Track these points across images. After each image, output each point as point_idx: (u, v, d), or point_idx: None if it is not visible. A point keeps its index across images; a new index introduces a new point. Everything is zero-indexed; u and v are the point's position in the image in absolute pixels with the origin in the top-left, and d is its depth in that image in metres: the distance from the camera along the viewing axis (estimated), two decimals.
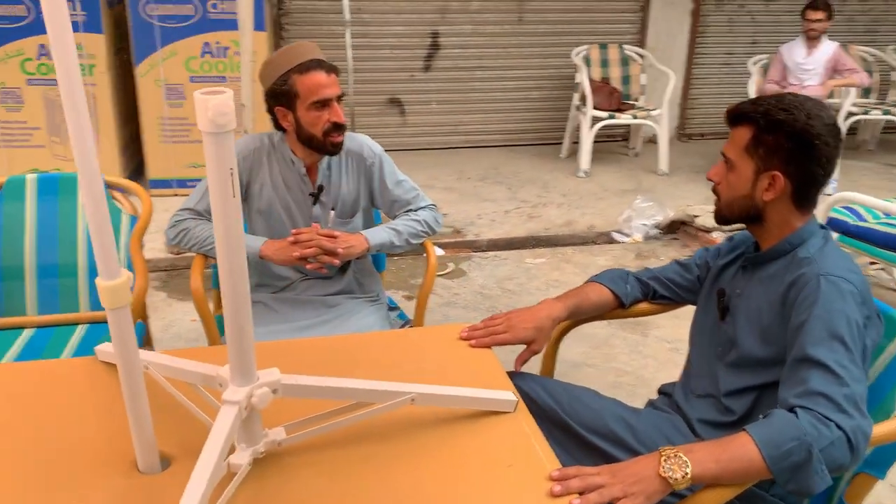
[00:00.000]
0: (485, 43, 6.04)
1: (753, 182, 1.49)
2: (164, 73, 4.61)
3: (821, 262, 1.41)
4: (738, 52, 6.52)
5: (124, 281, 1.09)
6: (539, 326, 1.60)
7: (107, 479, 1.18)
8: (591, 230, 4.53)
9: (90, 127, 1.01)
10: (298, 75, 1.93)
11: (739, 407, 1.50)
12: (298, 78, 1.93)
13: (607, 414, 1.54)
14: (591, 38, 6.08)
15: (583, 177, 5.50)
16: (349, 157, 2.16)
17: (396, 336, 1.76)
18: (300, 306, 2.15)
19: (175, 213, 2.09)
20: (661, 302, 1.78)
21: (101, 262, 1.07)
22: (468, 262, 4.08)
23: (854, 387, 1.26)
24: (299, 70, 1.93)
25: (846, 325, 1.32)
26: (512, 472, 1.22)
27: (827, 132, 1.42)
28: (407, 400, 1.27)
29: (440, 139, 6.18)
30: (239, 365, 1.13)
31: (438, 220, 2.24)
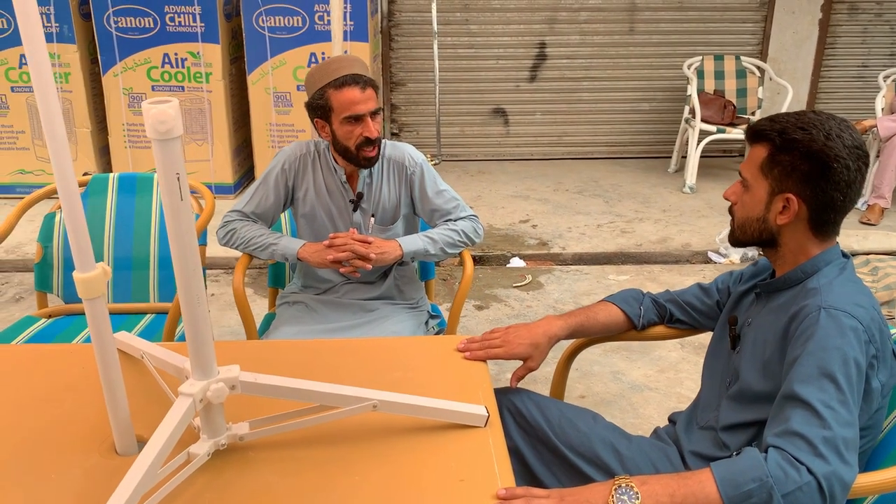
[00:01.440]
0: (593, 53, 5.94)
1: (767, 204, 1.40)
2: (273, 81, 4.87)
3: (826, 294, 1.31)
4: (874, 64, 6.05)
5: (99, 274, 1.18)
6: (535, 343, 1.57)
7: (85, 459, 1.28)
8: (685, 249, 4.35)
9: (64, 131, 1.11)
10: (334, 90, 2.00)
11: (735, 443, 1.41)
12: (333, 93, 2.00)
13: (596, 438, 1.49)
14: (707, 48, 5.85)
15: (688, 192, 5.29)
16: (391, 166, 2.21)
17: (396, 343, 1.78)
18: (339, 309, 2.22)
19: (225, 214, 2.22)
20: (678, 326, 1.71)
21: (76, 256, 1.17)
22: (548, 275, 4.03)
23: (838, 430, 1.16)
24: (335, 85, 2.00)
25: (841, 363, 1.21)
26: (462, 486, 1.22)
27: (848, 154, 1.31)
28: (368, 406, 1.29)
29: (542, 150, 6.13)
30: (197, 360, 1.19)
31: (479, 230, 2.24)
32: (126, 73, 4.82)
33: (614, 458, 1.46)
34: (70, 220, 1.14)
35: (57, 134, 1.09)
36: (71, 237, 1.16)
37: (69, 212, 1.14)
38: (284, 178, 2.20)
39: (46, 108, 1.07)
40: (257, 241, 2.15)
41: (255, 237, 2.16)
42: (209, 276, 3.92)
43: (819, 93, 6.15)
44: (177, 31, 4.72)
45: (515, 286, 3.86)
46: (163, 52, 4.79)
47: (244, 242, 2.17)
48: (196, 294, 1.14)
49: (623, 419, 2.71)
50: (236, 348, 1.74)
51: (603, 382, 2.95)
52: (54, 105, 1.08)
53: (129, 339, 1.53)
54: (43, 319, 2.39)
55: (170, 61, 4.81)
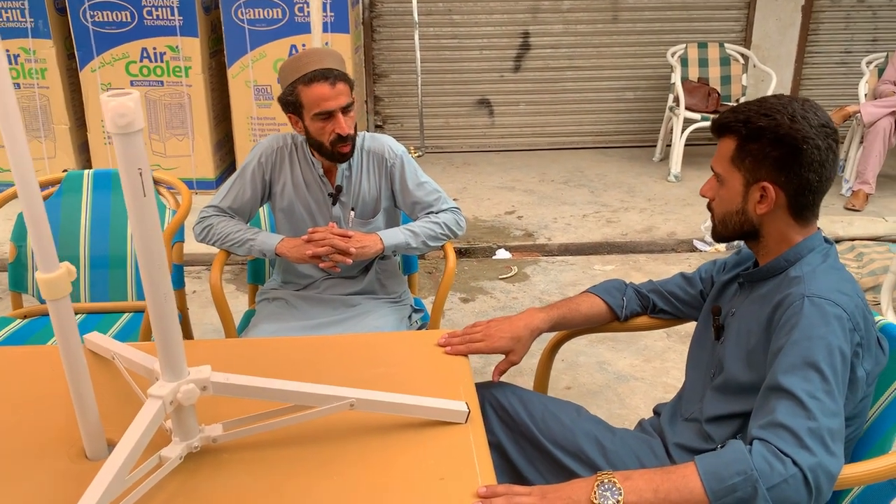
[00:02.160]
0: (576, 42, 5.91)
1: (744, 195, 1.38)
2: (253, 74, 4.81)
3: (809, 282, 1.28)
4: (857, 50, 6.05)
5: (62, 273, 1.14)
6: (516, 336, 1.55)
7: (54, 464, 1.24)
8: (671, 237, 4.34)
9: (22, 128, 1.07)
10: (303, 86, 1.96)
11: (720, 435, 1.39)
12: (303, 89, 1.96)
13: (580, 432, 1.47)
14: (691, 36, 5.83)
15: (673, 181, 5.27)
16: (370, 158, 2.17)
17: (376, 338, 1.75)
18: (320, 304, 2.19)
19: (201, 210, 2.18)
20: (662, 316, 1.68)
21: (39, 256, 1.13)
22: (534, 266, 4.00)
23: (823, 420, 1.14)
24: (304, 81, 1.96)
25: (825, 352, 1.19)
26: (442, 485, 1.19)
27: (816, 134, 1.29)
28: (345, 405, 1.26)
29: (528, 140, 6.10)
30: (166, 361, 1.15)
31: (461, 223, 2.21)
32: (104, 69, 4.75)
33: (598, 453, 1.44)
34: (30, 219, 1.10)
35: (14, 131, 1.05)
36: (32, 237, 1.12)
37: (29, 211, 1.10)
38: (262, 171, 2.16)
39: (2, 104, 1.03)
40: (234, 237, 2.11)
41: (231, 233, 2.12)
42: (189, 273, 3.87)
43: (803, 79, 6.15)
44: (155, 25, 4.65)
45: (501, 278, 3.83)
46: (141, 47, 4.72)
47: (221, 238, 2.13)
48: (162, 292, 1.10)
49: (609, 410, 2.69)
50: (211, 347, 1.70)
51: (589, 373, 2.93)
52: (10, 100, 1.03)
53: (100, 340, 1.49)
54: (18, 320, 2.34)
55: (148, 55, 4.74)
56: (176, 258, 2.38)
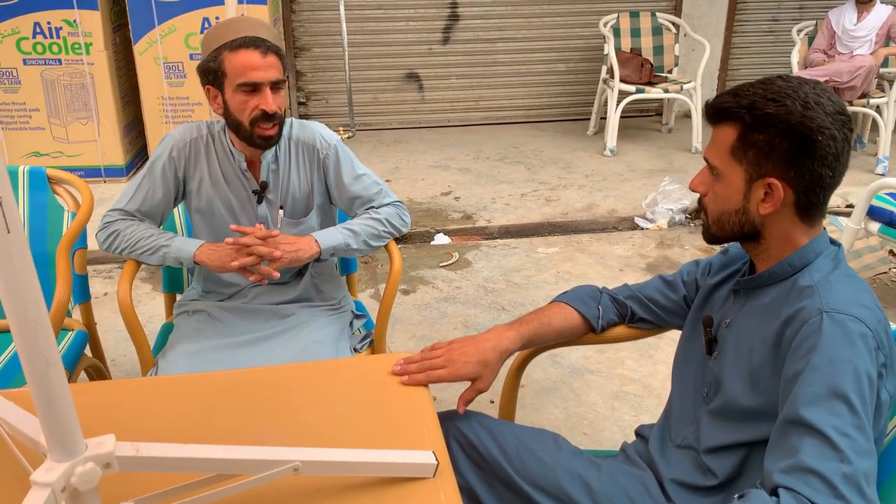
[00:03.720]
0: (507, 13, 5.69)
1: (746, 193, 1.19)
2: (162, 50, 4.42)
3: (826, 294, 1.12)
4: (784, 18, 6.05)
5: None
6: (483, 361, 1.34)
7: None
8: (612, 215, 4.21)
9: None
10: (229, 52, 1.69)
11: (722, 469, 1.22)
12: (228, 55, 1.69)
13: (561, 471, 1.28)
14: (622, 5, 5.69)
15: (609, 156, 5.15)
16: (300, 149, 1.91)
17: (319, 368, 1.50)
18: (249, 316, 1.93)
19: (105, 214, 1.88)
20: (641, 326, 1.51)
21: None
22: (475, 251, 3.81)
23: (858, 463, 0.97)
24: (231, 46, 1.69)
25: (853, 379, 1.03)
26: None
27: (832, 123, 1.12)
28: (288, 470, 1.03)
29: (460, 115, 5.88)
30: (53, 436, 0.90)
31: (405, 218, 1.98)
32: None
33: (584, 494, 1.25)
34: None
35: None
36: None
37: None
38: (173, 167, 1.87)
39: None
40: (145, 244, 1.83)
41: (142, 238, 1.83)
42: (99, 273, 3.52)
43: (732, 48, 6.11)
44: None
45: (442, 265, 3.62)
46: (33, 21, 4.25)
47: (129, 246, 1.84)
48: (44, 356, 0.84)
49: (567, 409, 2.53)
50: (116, 393, 1.42)
51: (541, 368, 2.77)
52: None
53: None
54: None
55: (42, 31, 4.28)
56: (78, 268, 2.07)
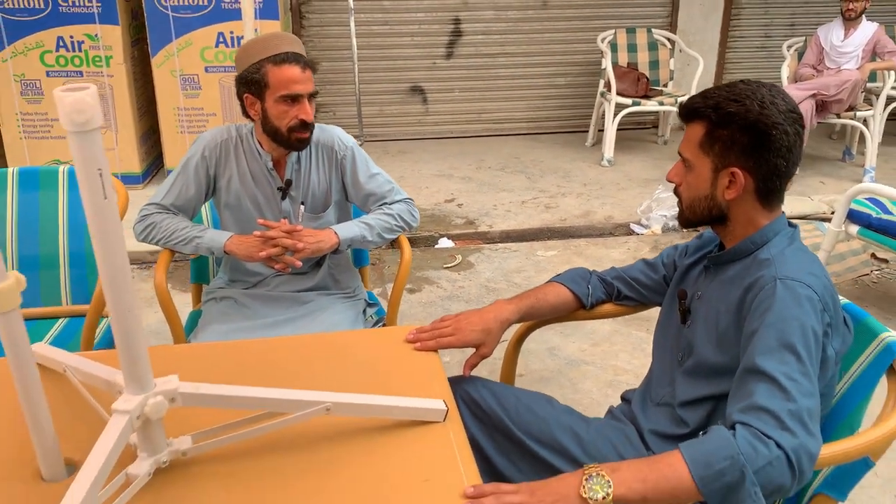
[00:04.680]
0: (508, 29, 5.91)
1: (713, 181, 1.38)
2: (179, 63, 4.63)
3: (779, 265, 1.30)
4: (776, 34, 6.27)
5: (11, 284, 1.05)
6: (487, 329, 1.52)
7: (8, 486, 1.15)
8: (608, 221, 4.40)
9: None
10: (273, 66, 1.88)
11: (693, 419, 1.40)
12: (272, 68, 1.89)
13: (555, 424, 1.46)
14: (619, 22, 5.92)
15: (606, 166, 5.35)
16: (320, 150, 2.11)
17: (342, 337, 1.70)
18: (271, 303, 2.11)
19: (142, 207, 2.07)
20: (626, 303, 1.69)
21: None
22: (477, 254, 4.00)
23: (802, 401, 1.16)
24: (274, 61, 1.88)
25: (800, 333, 1.21)
26: (427, 487, 1.16)
27: (784, 119, 1.31)
28: (321, 410, 1.21)
29: (462, 127, 6.09)
30: (131, 373, 1.08)
31: (415, 214, 2.17)
32: (17, 59, 4.48)
33: (575, 443, 1.43)
34: None
35: None
36: None
37: None
38: (205, 165, 2.06)
39: None
40: (180, 235, 2.02)
41: (177, 230, 2.02)
42: None
43: (726, 63, 6.32)
44: (71, 13, 4.41)
45: (446, 267, 3.81)
46: (56, 35, 4.47)
47: (165, 237, 2.03)
48: (126, 302, 1.03)
49: (563, 395, 2.71)
50: (167, 354, 1.61)
51: (540, 359, 2.94)
52: None
53: (50, 352, 1.39)
54: None
55: (65, 44, 4.49)
56: None
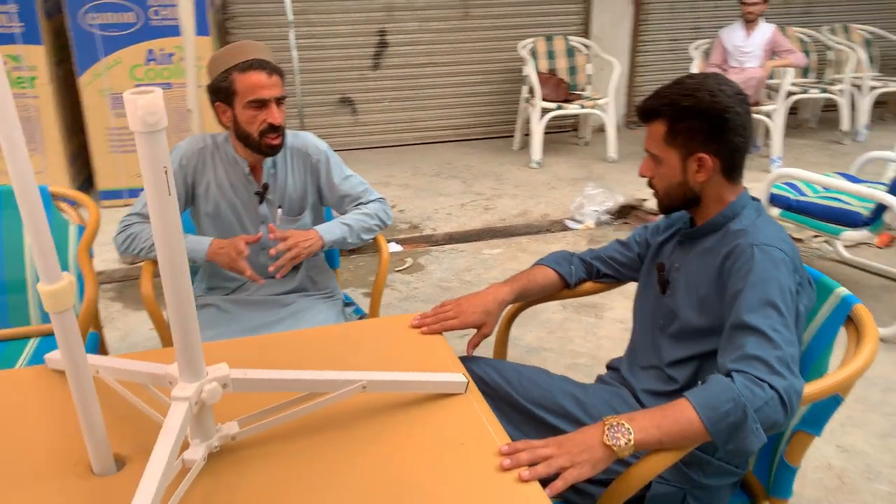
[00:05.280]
0: (432, 39, 6.07)
1: (683, 169, 1.53)
2: (108, 82, 4.55)
3: (754, 233, 1.47)
4: (682, 38, 6.65)
5: (66, 284, 1.10)
6: (487, 310, 1.64)
7: (62, 482, 1.19)
8: (544, 219, 4.59)
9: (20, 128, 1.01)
10: (239, 73, 1.94)
11: (682, 376, 1.55)
12: (239, 76, 1.94)
13: (556, 390, 1.58)
14: (537, 30, 6.16)
15: (535, 167, 5.56)
16: (295, 155, 2.17)
17: (348, 328, 1.78)
18: (253, 307, 2.16)
19: (122, 219, 2.09)
20: (605, 280, 1.83)
21: (41, 266, 1.08)
22: (426, 256, 4.10)
23: (786, 349, 1.32)
24: (241, 68, 1.94)
25: (779, 292, 1.37)
26: (464, 450, 1.26)
27: (734, 102, 1.48)
28: (358, 388, 1.30)
29: (393, 136, 6.19)
30: (186, 361, 1.14)
31: (388, 213, 2.26)
32: None
33: (576, 406, 1.56)
34: (31, 227, 1.05)
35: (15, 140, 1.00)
36: (34, 247, 1.07)
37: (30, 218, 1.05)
38: (183, 174, 2.10)
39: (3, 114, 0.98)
40: None
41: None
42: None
43: (637, 66, 6.66)
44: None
45: (398, 270, 3.90)
46: None
47: (147, 247, 2.05)
48: (185, 293, 1.09)
49: None
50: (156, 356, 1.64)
51: None
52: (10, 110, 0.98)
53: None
54: None
55: None
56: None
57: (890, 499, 2.19)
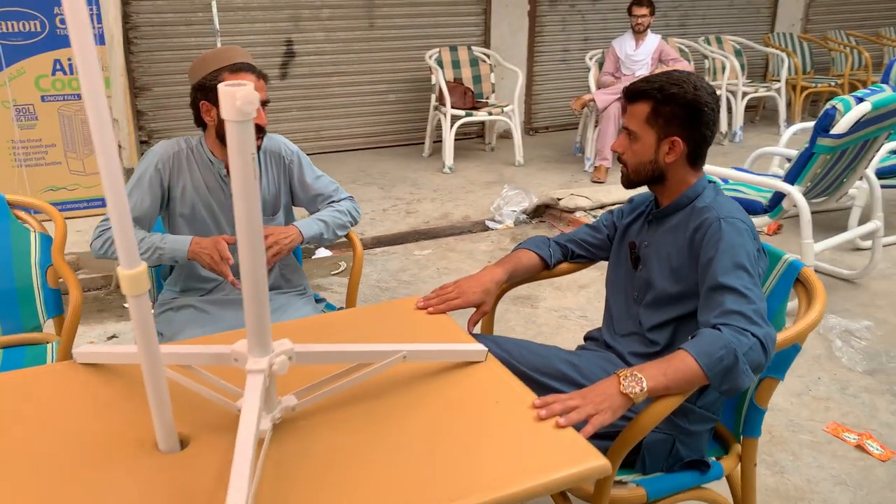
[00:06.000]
0: (339, 49, 6.16)
1: (656, 148, 1.74)
2: (11, 93, 4.36)
3: (718, 208, 1.69)
4: (573, 48, 7.06)
5: (142, 270, 1.16)
6: (486, 290, 1.79)
7: (133, 461, 1.23)
8: (466, 220, 4.78)
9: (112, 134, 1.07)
10: (230, 73, 2.01)
11: (662, 338, 1.75)
12: (229, 76, 2.01)
13: (553, 357, 1.75)
14: (440, 41, 6.37)
15: (448, 172, 5.76)
16: (268, 157, 2.24)
17: (360, 313, 1.88)
18: (231, 306, 2.20)
19: (99, 223, 2.09)
20: (579, 261, 2.02)
21: (122, 252, 1.14)
22: (265, 270, 4.19)
23: (759, 304, 1.54)
24: (231, 69, 2.01)
25: (746, 256, 1.60)
26: (500, 406, 1.40)
27: (711, 99, 1.71)
28: (399, 357, 1.41)
29: (305, 145, 6.12)
30: (258, 337, 1.22)
31: (358, 210, 2.37)
32: None
33: (573, 370, 1.73)
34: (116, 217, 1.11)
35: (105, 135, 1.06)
36: (117, 234, 1.13)
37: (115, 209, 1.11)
38: (159, 178, 2.12)
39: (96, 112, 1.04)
40: (141, 246, 2.06)
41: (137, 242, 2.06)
42: None
43: (534, 75, 7.01)
44: None
45: (334, 274, 3.97)
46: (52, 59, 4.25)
47: None
48: (261, 275, 1.18)
49: None
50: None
51: None
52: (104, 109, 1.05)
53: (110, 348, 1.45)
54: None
55: (61, 68, 4.24)
56: (51, 282, 2.23)
57: (813, 445, 2.50)
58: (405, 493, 1.16)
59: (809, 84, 7.41)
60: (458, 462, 1.24)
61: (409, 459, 1.25)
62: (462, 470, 1.22)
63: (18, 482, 1.18)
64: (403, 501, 1.15)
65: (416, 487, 1.18)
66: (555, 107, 7.16)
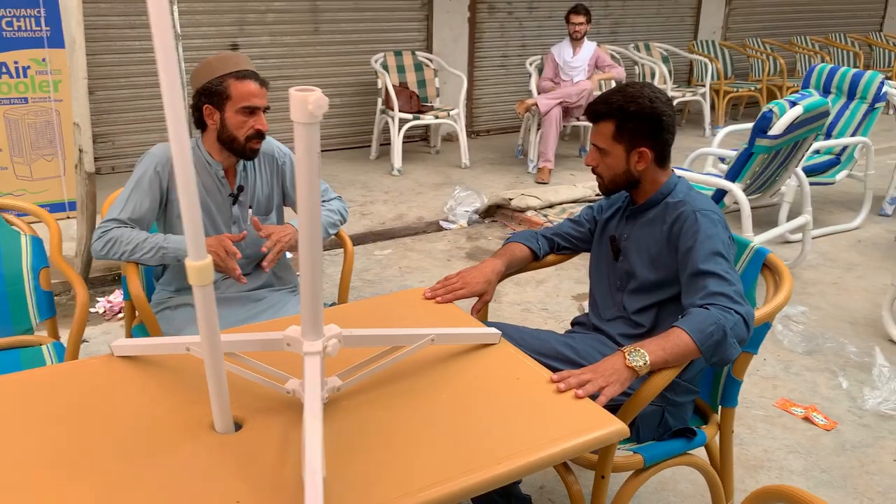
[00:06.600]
0: (284, 53, 6.19)
1: (626, 160, 1.90)
2: None
3: (692, 202, 1.88)
4: (511, 54, 7.28)
5: (209, 262, 1.25)
6: (488, 280, 1.93)
7: (193, 440, 1.32)
8: (420, 221, 4.91)
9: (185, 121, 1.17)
10: (235, 80, 2.08)
11: (646, 321, 1.93)
12: (234, 82, 2.08)
13: (552, 340, 1.91)
14: (384, 45, 6.48)
15: (397, 175, 5.87)
16: (262, 159, 2.32)
17: (373, 303, 1.98)
18: (227, 304, 2.27)
19: (100, 224, 2.12)
20: (564, 252, 2.18)
21: (191, 245, 1.23)
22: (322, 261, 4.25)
23: (738, 286, 1.73)
24: (237, 76, 2.08)
25: (722, 244, 1.79)
26: (521, 383, 1.54)
27: (667, 107, 1.88)
28: (428, 340, 1.54)
29: None
30: (312, 322, 1.33)
31: (346, 209, 2.47)
32: None
33: (572, 351, 1.88)
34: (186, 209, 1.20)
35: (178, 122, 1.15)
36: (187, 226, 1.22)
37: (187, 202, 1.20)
38: (158, 180, 2.18)
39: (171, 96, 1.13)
40: (144, 246, 2.10)
41: (140, 242, 2.11)
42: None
43: (475, 80, 7.19)
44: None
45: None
46: None
47: (129, 250, 2.10)
48: (317, 266, 1.29)
49: None
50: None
51: None
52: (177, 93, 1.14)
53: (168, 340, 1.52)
54: None
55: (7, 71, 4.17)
56: (44, 284, 2.25)
57: (765, 419, 2.74)
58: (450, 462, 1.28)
59: (731, 89, 7.86)
60: (491, 432, 1.37)
61: (447, 431, 1.37)
62: (496, 439, 1.35)
63: (83, 471, 1.25)
64: (452, 468, 1.26)
65: (458, 456, 1.30)
66: (496, 111, 7.37)
